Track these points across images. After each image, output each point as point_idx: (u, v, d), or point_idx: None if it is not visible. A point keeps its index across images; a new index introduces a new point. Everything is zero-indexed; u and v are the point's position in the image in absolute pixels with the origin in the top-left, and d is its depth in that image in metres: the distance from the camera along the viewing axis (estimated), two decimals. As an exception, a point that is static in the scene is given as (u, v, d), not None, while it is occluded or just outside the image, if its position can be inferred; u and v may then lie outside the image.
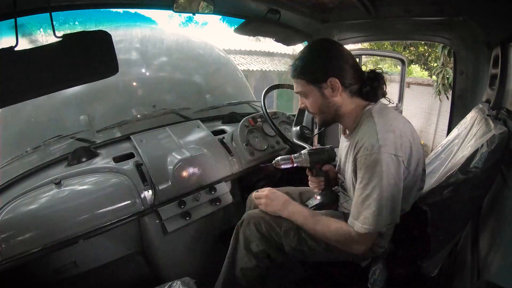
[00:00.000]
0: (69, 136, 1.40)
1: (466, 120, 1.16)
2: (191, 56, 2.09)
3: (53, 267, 1.14)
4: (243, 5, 1.51)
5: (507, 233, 0.76)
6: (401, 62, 2.94)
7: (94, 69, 0.80)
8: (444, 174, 0.94)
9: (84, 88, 1.50)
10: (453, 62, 1.62)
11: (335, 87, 0.89)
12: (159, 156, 1.31)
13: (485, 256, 0.83)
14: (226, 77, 2.22)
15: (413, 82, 6.55)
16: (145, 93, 1.77)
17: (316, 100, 0.93)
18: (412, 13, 1.39)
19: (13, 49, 0.69)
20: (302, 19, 1.64)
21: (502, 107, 1.01)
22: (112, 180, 1.18)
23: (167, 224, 1.21)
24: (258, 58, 8.12)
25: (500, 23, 1.04)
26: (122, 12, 2.49)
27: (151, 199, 1.20)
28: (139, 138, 1.41)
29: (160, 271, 1.29)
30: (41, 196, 1.09)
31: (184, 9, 1.26)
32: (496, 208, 0.91)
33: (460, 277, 0.96)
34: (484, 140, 0.85)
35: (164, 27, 4.77)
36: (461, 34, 1.41)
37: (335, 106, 0.92)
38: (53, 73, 0.74)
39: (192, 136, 1.50)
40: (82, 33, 0.82)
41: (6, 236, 0.96)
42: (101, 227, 1.09)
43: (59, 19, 2.35)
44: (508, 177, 0.88)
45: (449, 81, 5.22)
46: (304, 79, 0.92)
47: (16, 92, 0.72)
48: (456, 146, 1.09)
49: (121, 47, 1.75)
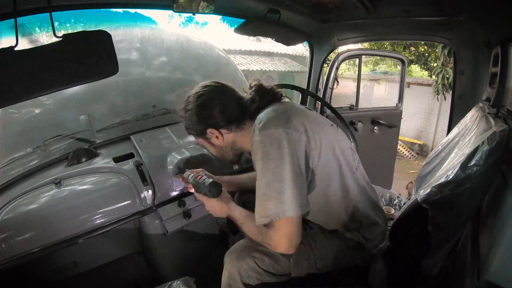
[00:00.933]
0: (69, 136, 1.40)
1: (466, 119, 1.16)
2: (191, 56, 2.09)
3: (53, 267, 1.15)
4: (243, 5, 1.51)
5: (507, 233, 0.76)
6: (401, 62, 2.94)
7: (94, 69, 0.80)
8: (444, 172, 0.94)
9: (84, 88, 1.50)
10: (453, 62, 1.61)
11: (217, 134, 0.94)
12: (159, 156, 1.31)
13: (485, 255, 0.83)
14: (226, 77, 2.19)
15: (413, 82, 6.56)
16: (145, 93, 1.77)
17: (211, 149, 1.01)
18: (412, 13, 1.39)
19: (13, 49, 0.69)
20: (302, 19, 1.64)
21: (502, 105, 1.01)
22: (112, 180, 1.18)
23: (167, 224, 1.21)
24: (258, 58, 8.12)
25: (500, 22, 1.04)
26: (122, 12, 2.49)
27: (151, 199, 1.20)
28: (139, 138, 1.41)
29: (160, 271, 1.29)
30: (41, 196, 1.09)
31: (184, 9, 1.26)
32: (496, 207, 0.91)
33: (460, 277, 0.96)
34: (484, 137, 0.85)
35: (164, 27, 4.76)
36: (461, 34, 1.41)
37: (228, 147, 0.97)
38: (53, 73, 0.74)
39: (192, 136, 1.50)
40: (82, 33, 0.82)
41: (6, 236, 0.97)
42: (101, 227, 1.09)
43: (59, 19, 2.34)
44: (508, 176, 0.88)
45: (449, 81, 5.22)
46: (193, 134, 1.00)
47: (16, 92, 0.72)
48: (457, 145, 1.09)
49: (121, 47, 1.75)
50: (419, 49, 6.98)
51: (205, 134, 0.95)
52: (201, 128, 0.94)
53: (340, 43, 1.94)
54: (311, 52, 2.01)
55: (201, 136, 0.98)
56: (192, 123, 0.95)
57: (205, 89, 0.95)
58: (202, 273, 1.29)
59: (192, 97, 0.96)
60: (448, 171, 0.91)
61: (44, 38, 2.12)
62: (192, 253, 1.33)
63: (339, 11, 1.56)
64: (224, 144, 0.97)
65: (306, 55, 2.96)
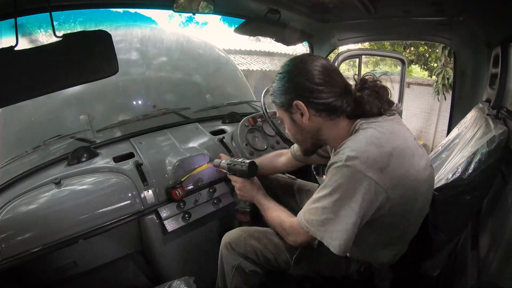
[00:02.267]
0: (69, 136, 1.40)
1: (466, 120, 1.16)
2: (191, 56, 2.09)
3: (53, 266, 1.14)
4: (243, 5, 1.51)
5: (507, 233, 0.76)
6: (401, 62, 2.94)
7: (94, 69, 0.80)
8: (444, 174, 0.94)
9: (84, 88, 1.50)
10: (453, 62, 1.61)
11: (304, 110, 0.79)
12: (159, 156, 1.31)
13: (485, 256, 0.83)
14: (226, 77, 2.22)
15: (413, 82, 6.56)
16: (145, 93, 1.77)
17: (290, 127, 0.86)
18: (412, 13, 1.39)
19: (13, 49, 0.69)
20: (302, 19, 1.64)
21: (502, 107, 1.01)
22: (112, 180, 1.18)
23: (167, 224, 1.21)
24: (258, 58, 8.13)
25: (500, 23, 1.04)
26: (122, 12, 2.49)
27: (151, 198, 1.20)
28: (138, 140, 1.42)
29: (160, 270, 1.29)
30: (41, 196, 1.09)
31: (184, 9, 1.26)
32: (496, 208, 0.91)
33: (460, 277, 0.96)
34: (484, 140, 0.85)
35: (164, 27, 4.77)
36: (461, 34, 1.41)
37: (310, 133, 0.83)
38: (53, 73, 0.74)
39: (192, 137, 1.50)
40: (82, 33, 0.82)
41: (6, 236, 0.96)
42: (101, 227, 1.09)
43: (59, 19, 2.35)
44: (508, 177, 0.88)
45: (450, 81, 5.22)
46: (276, 104, 0.85)
47: (16, 92, 0.72)
48: (457, 146, 1.09)
49: (121, 47, 1.75)
50: (419, 49, 6.99)
51: (290, 106, 0.80)
52: (288, 98, 0.80)
53: (340, 43, 1.94)
54: (311, 52, 2.01)
55: (283, 108, 0.83)
56: (280, 87, 0.81)
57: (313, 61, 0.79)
58: (202, 273, 1.29)
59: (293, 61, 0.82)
60: (448, 173, 0.91)
61: (44, 38, 2.12)
62: (192, 253, 1.33)
63: (339, 11, 1.56)
64: (308, 127, 0.81)
65: (306, 55, 2.96)
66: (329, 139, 0.83)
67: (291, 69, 0.80)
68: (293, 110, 0.80)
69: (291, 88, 0.79)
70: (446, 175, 0.91)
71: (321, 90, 0.77)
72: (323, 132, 0.82)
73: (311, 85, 0.77)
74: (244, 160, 1.11)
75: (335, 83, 0.78)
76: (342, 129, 0.80)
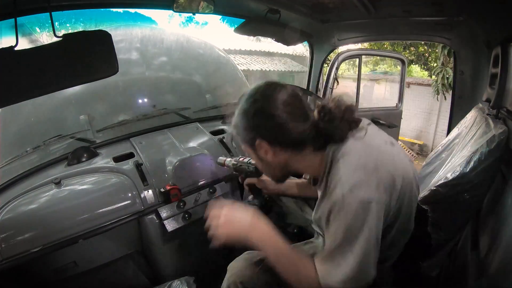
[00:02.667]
0: (69, 136, 1.40)
1: (466, 120, 1.16)
2: (191, 56, 2.09)
3: (53, 266, 1.14)
4: (243, 5, 1.51)
5: (507, 233, 0.76)
6: (401, 62, 2.94)
7: (94, 69, 0.80)
8: (444, 173, 0.94)
9: (84, 88, 1.50)
10: (453, 62, 1.61)
11: (267, 149, 0.75)
12: (159, 156, 1.31)
13: (485, 256, 0.83)
14: (226, 77, 2.22)
15: (413, 82, 6.56)
16: (145, 93, 1.77)
17: (257, 162, 0.83)
18: (412, 13, 1.39)
19: (13, 49, 0.69)
20: (302, 19, 1.64)
21: (502, 106, 1.01)
22: (112, 180, 1.18)
23: (167, 224, 1.21)
24: (258, 58, 8.13)
25: (500, 23, 1.04)
26: (122, 12, 2.50)
27: (151, 198, 1.20)
28: (138, 140, 1.41)
29: (160, 270, 1.29)
30: (41, 195, 1.09)
31: (184, 9, 1.26)
32: (496, 208, 0.91)
33: (460, 277, 0.96)
34: (484, 139, 0.85)
35: (164, 27, 4.77)
36: (461, 34, 1.41)
37: (278, 167, 0.80)
38: (53, 72, 0.74)
39: (192, 137, 1.50)
40: (82, 33, 0.82)
41: (6, 236, 0.96)
42: (101, 227, 1.09)
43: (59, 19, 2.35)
44: (508, 177, 0.88)
45: (449, 81, 5.22)
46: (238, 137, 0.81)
47: (16, 92, 0.72)
48: (457, 146, 1.09)
49: (121, 47, 1.75)
50: (419, 49, 6.99)
51: (253, 144, 0.77)
52: (250, 136, 0.76)
53: (340, 43, 1.94)
54: (311, 52, 2.02)
55: (247, 144, 0.80)
56: (241, 125, 0.77)
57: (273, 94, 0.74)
58: (202, 272, 1.29)
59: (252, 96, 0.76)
60: (448, 172, 0.91)
61: (44, 38, 2.12)
62: (192, 252, 1.33)
63: (339, 11, 1.56)
64: (274, 162, 0.79)
65: (306, 55, 2.96)
66: (300, 168, 0.82)
67: (250, 106, 0.75)
68: (257, 147, 0.77)
69: (252, 127, 0.75)
70: (446, 174, 0.91)
71: (283, 127, 0.72)
72: (292, 164, 0.80)
73: (272, 123, 0.72)
74: (250, 160, 1.08)
75: (297, 116, 0.73)
76: (312, 160, 0.78)
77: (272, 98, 0.73)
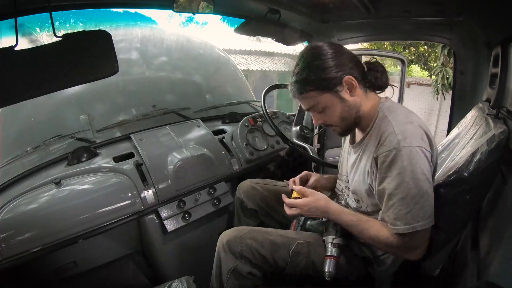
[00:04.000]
0: (69, 135, 1.40)
1: (466, 120, 1.16)
2: (191, 56, 2.09)
3: (53, 266, 1.15)
4: (243, 5, 1.51)
5: (507, 233, 0.76)
6: (401, 62, 2.93)
7: (94, 68, 0.80)
8: (444, 173, 0.94)
9: (84, 88, 1.50)
10: (453, 62, 1.61)
11: (351, 85, 0.81)
12: (159, 156, 1.31)
13: (485, 256, 0.83)
14: (226, 77, 2.22)
15: (413, 82, 6.56)
16: (145, 93, 1.77)
17: (335, 108, 0.84)
18: (412, 13, 1.38)
19: (13, 49, 0.69)
20: (302, 19, 1.64)
21: (502, 106, 1.01)
22: (112, 180, 1.18)
23: (167, 224, 1.21)
24: (258, 58, 8.11)
25: (500, 23, 1.04)
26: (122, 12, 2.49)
27: (151, 198, 1.20)
28: (139, 137, 1.41)
29: (160, 270, 1.29)
30: (41, 195, 1.09)
31: (184, 9, 1.26)
32: (496, 208, 0.91)
33: (460, 277, 0.96)
34: (484, 139, 0.85)
35: (164, 27, 4.76)
36: (461, 34, 1.40)
37: (355, 108, 0.85)
38: (53, 72, 0.74)
39: (192, 136, 1.50)
40: (82, 33, 0.82)
41: (6, 236, 0.96)
42: (101, 227, 1.09)
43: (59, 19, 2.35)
44: (508, 177, 0.88)
45: (449, 81, 5.22)
46: (315, 90, 0.82)
47: (16, 92, 0.72)
48: (456, 146, 1.09)
49: (121, 47, 1.75)
50: (419, 49, 6.99)
51: (337, 84, 0.80)
52: (338, 76, 0.80)
53: (340, 43, 1.93)
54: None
55: (328, 89, 0.81)
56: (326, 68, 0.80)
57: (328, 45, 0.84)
58: (202, 272, 1.29)
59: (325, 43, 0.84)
60: (448, 172, 0.91)
61: (44, 37, 2.12)
62: (192, 252, 1.33)
63: (339, 11, 1.56)
64: (353, 102, 0.83)
65: (306, 55, 2.96)
66: (364, 116, 0.87)
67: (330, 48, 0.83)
68: (340, 88, 0.81)
69: (339, 65, 0.81)
70: (446, 174, 0.91)
71: (358, 63, 0.85)
72: (362, 108, 0.86)
73: (350, 60, 0.83)
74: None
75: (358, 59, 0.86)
76: (371, 103, 0.87)
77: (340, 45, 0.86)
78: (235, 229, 1.00)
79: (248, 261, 0.93)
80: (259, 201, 1.20)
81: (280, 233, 0.98)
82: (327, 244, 0.91)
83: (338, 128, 0.89)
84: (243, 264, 0.94)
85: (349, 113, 0.85)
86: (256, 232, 0.97)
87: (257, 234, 0.96)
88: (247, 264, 0.94)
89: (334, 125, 0.89)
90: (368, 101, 0.86)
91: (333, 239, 0.90)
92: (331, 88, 0.81)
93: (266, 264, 0.94)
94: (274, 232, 0.98)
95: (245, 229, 0.99)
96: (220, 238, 0.98)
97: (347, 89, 0.82)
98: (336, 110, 0.84)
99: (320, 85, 0.81)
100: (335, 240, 0.90)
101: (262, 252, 0.93)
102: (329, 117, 0.86)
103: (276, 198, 1.19)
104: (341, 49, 0.84)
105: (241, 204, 1.23)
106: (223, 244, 0.95)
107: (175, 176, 1.25)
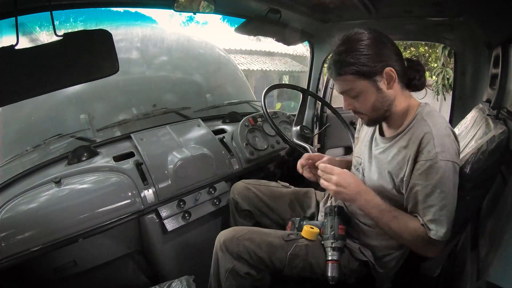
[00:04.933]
0: (69, 135, 1.40)
1: (466, 120, 1.16)
2: (192, 56, 2.09)
3: (53, 265, 1.15)
4: (243, 5, 1.50)
5: (507, 233, 0.76)
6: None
7: (94, 68, 0.80)
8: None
9: (84, 87, 1.50)
10: (453, 62, 1.61)
11: (390, 78, 0.80)
12: (159, 155, 1.31)
13: (485, 256, 0.83)
14: (226, 76, 2.22)
15: (413, 83, 6.55)
16: (146, 92, 1.78)
17: (370, 97, 0.82)
18: (413, 13, 1.38)
19: (14, 48, 0.69)
20: (303, 19, 1.64)
21: (502, 107, 1.01)
22: (112, 179, 1.18)
23: (167, 223, 1.21)
24: (259, 58, 8.11)
25: (501, 23, 1.04)
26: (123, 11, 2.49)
27: (151, 198, 1.20)
28: (139, 136, 1.41)
29: (160, 270, 1.29)
30: (41, 195, 1.09)
31: (184, 8, 1.26)
32: (496, 208, 0.91)
33: (460, 277, 0.96)
34: (484, 140, 0.85)
35: (165, 27, 4.77)
36: (461, 34, 1.40)
37: (389, 101, 0.84)
38: (53, 72, 0.74)
39: (192, 135, 1.50)
40: (83, 32, 0.82)
41: (5, 235, 0.96)
42: (101, 226, 1.09)
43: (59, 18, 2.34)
44: (508, 177, 0.88)
45: (449, 82, 5.22)
46: (355, 74, 0.80)
47: (16, 91, 0.72)
48: (456, 146, 1.09)
49: (121, 46, 1.76)
50: (419, 49, 6.98)
51: (378, 73, 0.79)
52: (380, 65, 0.79)
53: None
54: (311, 52, 2.01)
55: (367, 76, 0.80)
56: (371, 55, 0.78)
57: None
58: (202, 272, 1.29)
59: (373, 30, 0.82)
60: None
61: (44, 37, 2.12)
62: (192, 252, 1.33)
63: (339, 11, 1.56)
64: (389, 95, 0.83)
65: (307, 55, 2.96)
66: (395, 112, 0.86)
67: (378, 36, 0.82)
68: (379, 78, 0.80)
69: (383, 54, 0.80)
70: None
71: (401, 58, 0.83)
72: (395, 103, 0.85)
73: (396, 53, 0.82)
74: None
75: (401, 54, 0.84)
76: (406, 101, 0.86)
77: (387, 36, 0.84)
78: (232, 229, 1.00)
79: (246, 261, 0.93)
80: (253, 202, 1.20)
81: (278, 234, 0.98)
82: (326, 249, 0.91)
83: (366, 117, 0.87)
84: (241, 265, 0.93)
85: (381, 105, 0.84)
86: (253, 233, 0.96)
87: (255, 235, 0.95)
88: (244, 265, 0.93)
89: (363, 113, 0.87)
90: (402, 98, 0.86)
91: (332, 243, 0.90)
92: (371, 77, 0.80)
93: (263, 265, 0.94)
94: (272, 233, 0.98)
95: (243, 230, 0.98)
96: (218, 238, 0.97)
97: (385, 80, 0.81)
98: (370, 98, 0.83)
99: (360, 71, 0.79)
100: (334, 243, 0.90)
101: (259, 254, 0.92)
102: (361, 104, 0.84)
103: (270, 198, 1.20)
104: (388, 40, 0.83)
105: (235, 205, 1.23)
106: (220, 244, 0.95)
107: (175, 175, 1.25)
